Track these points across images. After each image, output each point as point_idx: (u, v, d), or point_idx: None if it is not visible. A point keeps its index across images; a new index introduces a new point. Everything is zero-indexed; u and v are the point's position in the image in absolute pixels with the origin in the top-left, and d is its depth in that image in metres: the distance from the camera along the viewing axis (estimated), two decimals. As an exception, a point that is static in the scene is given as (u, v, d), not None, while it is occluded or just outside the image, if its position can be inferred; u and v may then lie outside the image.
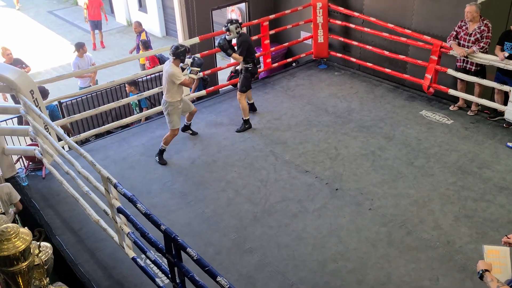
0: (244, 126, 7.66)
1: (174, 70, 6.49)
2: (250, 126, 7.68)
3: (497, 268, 3.31)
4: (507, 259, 3.38)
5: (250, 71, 7.45)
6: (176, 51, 6.49)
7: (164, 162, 6.96)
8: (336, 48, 9.68)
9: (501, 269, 3.33)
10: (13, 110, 6.86)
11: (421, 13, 8.22)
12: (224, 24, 7.33)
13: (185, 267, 4.02)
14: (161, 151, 6.97)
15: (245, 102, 7.61)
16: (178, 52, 6.50)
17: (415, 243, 5.32)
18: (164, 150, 6.97)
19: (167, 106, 6.71)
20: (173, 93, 6.63)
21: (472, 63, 7.29)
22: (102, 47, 14.79)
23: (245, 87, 7.52)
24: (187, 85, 6.74)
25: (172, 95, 6.64)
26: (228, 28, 7.23)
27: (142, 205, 4.33)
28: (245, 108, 7.59)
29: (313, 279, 4.96)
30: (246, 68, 7.42)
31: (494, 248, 3.40)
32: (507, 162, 6.53)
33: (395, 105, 8.17)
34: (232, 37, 7.31)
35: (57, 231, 5.82)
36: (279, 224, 5.71)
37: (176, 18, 9.60)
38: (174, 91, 6.61)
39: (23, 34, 16.37)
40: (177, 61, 6.56)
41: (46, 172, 6.82)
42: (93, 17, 14.32)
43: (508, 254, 3.39)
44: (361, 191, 6.18)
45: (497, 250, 3.38)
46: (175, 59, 6.54)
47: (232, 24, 7.21)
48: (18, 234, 2.75)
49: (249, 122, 7.68)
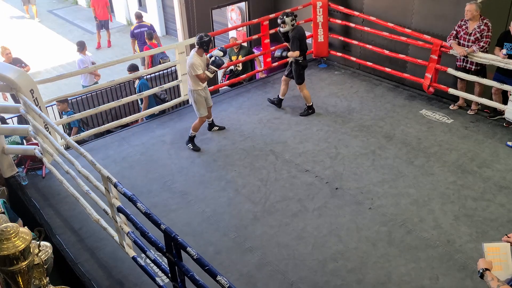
0: (308, 111, 7.94)
1: (194, 61, 6.63)
2: (313, 111, 7.98)
3: (498, 265, 3.30)
4: (508, 255, 3.36)
5: (300, 64, 7.57)
6: (200, 40, 6.62)
7: (198, 149, 7.14)
8: (336, 47, 9.68)
9: (501, 266, 3.32)
10: (13, 109, 6.86)
11: (421, 12, 8.22)
12: (279, 17, 7.45)
13: (185, 266, 4.02)
14: (191, 138, 7.15)
15: (307, 91, 7.83)
16: (202, 42, 6.63)
17: (415, 242, 5.32)
18: (194, 136, 7.16)
19: (191, 93, 6.89)
20: (195, 81, 6.77)
21: (472, 63, 7.29)
22: (108, 46, 14.85)
23: (300, 79, 7.70)
24: (202, 80, 6.81)
25: (195, 82, 6.79)
26: (284, 20, 7.35)
27: (142, 205, 4.33)
28: (307, 95, 7.85)
29: (313, 278, 4.96)
30: (296, 61, 7.54)
31: (494, 245, 3.39)
32: (507, 161, 6.53)
33: (395, 104, 8.17)
34: (287, 29, 7.44)
35: (57, 231, 5.82)
36: (279, 224, 5.71)
37: (176, 17, 9.59)
38: (195, 79, 6.75)
39: (23, 33, 16.38)
40: (200, 51, 6.70)
41: (46, 172, 6.82)
42: (101, 17, 14.38)
43: (508, 250, 3.38)
44: (361, 190, 6.18)
45: (497, 247, 3.37)
46: (198, 48, 6.67)
47: (287, 17, 7.33)
48: (18, 234, 2.75)
49: (313, 107, 7.98)
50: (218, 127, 7.70)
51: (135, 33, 11.32)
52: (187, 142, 7.23)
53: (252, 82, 9.48)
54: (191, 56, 6.70)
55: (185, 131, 7.72)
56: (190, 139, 7.18)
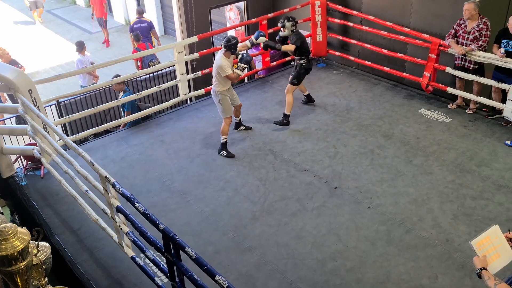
0: (283, 121, 7.69)
1: (223, 63, 6.63)
2: (288, 122, 7.68)
3: (494, 253, 3.20)
4: (500, 237, 3.25)
5: (304, 67, 7.52)
6: (228, 43, 6.64)
7: (232, 155, 6.99)
8: (334, 46, 9.68)
9: (498, 252, 3.21)
10: (12, 109, 6.85)
11: (419, 11, 8.22)
12: (280, 20, 7.42)
13: (184, 266, 4.02)
14: (223, 144, 7.02)
15: (292, 97, 7.61)
16: (229, 45, 6.64)
17: (414, 242, 5.33)
18: (226, 142, 7.03)
19: (216, 95, 6.88)
20: (221, 82, 6.78)
21: (470, 61, 7.29)
22: (107, 46, 14.84)
23: (296, 80, 7.57)
24: (232, 80, 6.83)
25: (220, 85, 6.79)
26: (284, 25, 7.32)
27: (140, 205, 4.33)
28: (291, 103, 7.59)
29: (312, 277, 4.96)
30: (300, 64, 7.50)
31: (482, 237, 3.25)
32: (506, 160, 6.53)
33: (393, 104, 8.18)
34: (286, 34, 7.41)
35: (56, 231, 5.81)
36: (278, 223, 5.71)
37: (174, 17, 9.59)
38: (222, 81, 6.76)
39: (21, 33, 16.35)
40: (228, 53, 6.72)
41: (44, 172, 6.81)
42: (98, 15, 14.39)
43: (499, 232, 3.27)
44: (360, 189, 6.18)
45: (485, 237, 3.25)
46: (226, 51, 6.68)
47: (288, 21, 7.30)
48: (16, 234, 2.74)
49: (289, 119, 7.68)
50: (245, 127, 7.67)
51: (135, 28, 11.37)
52: (220, 150, 7.04)
53: (251, 81, 9.49)
54: (218, 59, 6.71)
55: (183, 131, 7.72)
56: (222, 145, 7.01)
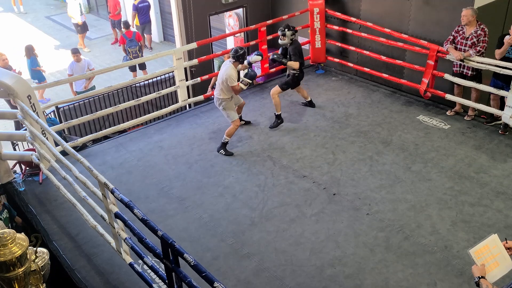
0: (277, 122, 7.81)
1: (231, 73, 6.83)
2: (282, 120, 7.83)
3: (493, 262, 3.21)
4: (499, 246, 3.26)
5: (297, 77, 7.71)
6: (236, 54, 6.86)
7: (230, 153, 7.18)
8: (333, 53, 9.71)
9: (497, 261, 3.22)
10: (11, 115, 6.85)
11: (418, 18, 8.26)
12: (280, 28, 7.55)
13: (183, 273, 4.00)
14: (224, 144, 7.19)
15: (278, 98, 7.76)
16: (238, 55, 6.86)
17: (412, 248, 5.32)
18: (227, 142, 7.20)
19: (220, 102, 7.08)
20: (225, 91, 6.95)
21: (468, 68, 7.32)
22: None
23: (286, 85, 7.78)
24: (236, 91, 7.01)
25: (224, 92, 6.96)
26: (285, 33, 7.46)
27: (139, 211, 4.32)
28: (278, 103, 7.74)
29: (310, 284, 4.95)
30: (293, 74, 7.67)
31: (480, 246, 3.27)
32: (504, 167, 6.55)
33: (392, 110, 8.19)
34: (285, 42, 7.58)
35: (54, 237, 5.80)
36: (277, 229, 5.70)
37: (173, 23, 9.62)
38: (225, 90, 6.96)
39: (20, 39, 16.35)
40: (236, 63, 6.94)
41: (43, 177, 6.80)
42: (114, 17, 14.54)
43: (498, 241, 3.27)
44: (358, 196, 6.18)
45: (484, 245, 3.26)
46: (234, 61, 6.88)
47: (289, 30, 7.46)
48: (14, 240, 2.74)
49: (281, 117, 7.82)
50: (244, 122, 7.87)
51: (139, 7, 11.54)
52: (219, 148, 7.22)
53: (250, 88, 9.49)
54: (227, 68, 6.88)
55: (182, 137, 7.73)
56: (222, 144, 7.19)
